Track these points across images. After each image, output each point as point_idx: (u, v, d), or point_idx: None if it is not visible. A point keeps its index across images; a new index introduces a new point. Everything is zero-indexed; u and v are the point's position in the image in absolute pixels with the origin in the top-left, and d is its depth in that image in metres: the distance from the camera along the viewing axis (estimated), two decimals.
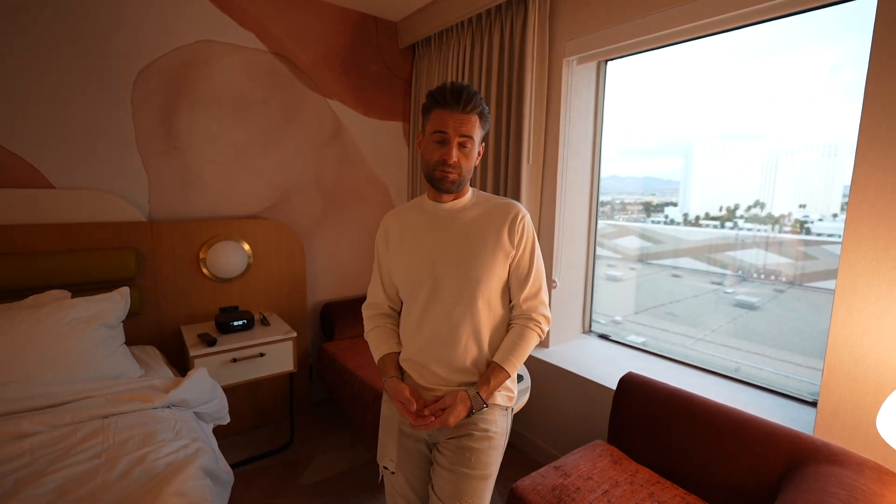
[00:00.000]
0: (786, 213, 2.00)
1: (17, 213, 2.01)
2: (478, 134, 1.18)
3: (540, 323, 1.24)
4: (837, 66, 1.77)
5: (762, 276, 2.12)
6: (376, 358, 1.32)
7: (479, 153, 1.22)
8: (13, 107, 2.00)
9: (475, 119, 1.15)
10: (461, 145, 1.16)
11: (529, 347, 1.23)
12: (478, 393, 1.17)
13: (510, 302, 1.27)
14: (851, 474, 1.20)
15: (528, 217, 1.23)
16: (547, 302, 1.26)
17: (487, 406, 1.19)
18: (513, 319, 1.27)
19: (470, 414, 1.17)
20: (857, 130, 1.36)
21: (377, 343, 1.32)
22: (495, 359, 1.21)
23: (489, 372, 1.20)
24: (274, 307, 2.71)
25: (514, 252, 1.20)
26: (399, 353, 1.30)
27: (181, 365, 2.31)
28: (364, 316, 1.40)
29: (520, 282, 1.23)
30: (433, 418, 1.15)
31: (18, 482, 1.22)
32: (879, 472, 1.20)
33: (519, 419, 2.46)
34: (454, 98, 1.13)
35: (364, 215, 3.11)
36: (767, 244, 2.08)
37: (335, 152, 2.94)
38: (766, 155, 2.07)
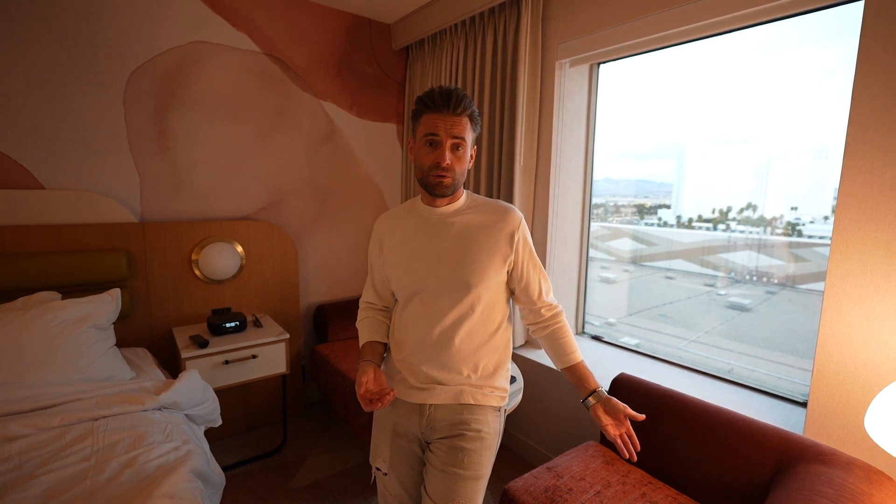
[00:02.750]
0: (777, 215, 2.01)
1: (6, 213, 1.99)
2: (469, 136, 1.18)
3: (563, 313, 1.31)
4: (830, 69, 1.78)
5: (754, 278, 2.13)
6: (361, 344, 1.34)
7: (471, 156, 1.22)
8: (3, 107, 1.99)
9: (466, 121, 1.15)
10: (454, 147, 1.15)
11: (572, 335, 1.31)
12: (599, 391, 1.23)
13: (509, 304, 1.29)
14: (840, 473, 1.21)
15: (524, 220, 1.25)
16: (552, 291, 1.32)
17: (602, 389, 1.24)
18: (542, 321, 1.30)
19: (604, 397, 1.22)
20: (845, 133, 1.37)
21: (365, 331, 1.34)
22: (574, 360, 1.27)
23: (581, 372, 1.26)
24: (267, 309, 2.70)
25: (512, 257, 1.21)
26: (384, 343, 1.32)
27: (173, 367, 2.29)
28: (359, 308, 1.42)
29: (531, 286, 1.26)
30: (380, 405, 1.12)
31: (5, 486, 1.21)
32: (868, 471, 1.21)
33: (512, 420, 2.46)
34: (444, 100, 1.12)
35: (358, 217, 3.11)
36: (759, 246, 2.10)
37: (329, 154, 2.94)
38: (758, 158, 2.08)
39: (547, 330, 1.29)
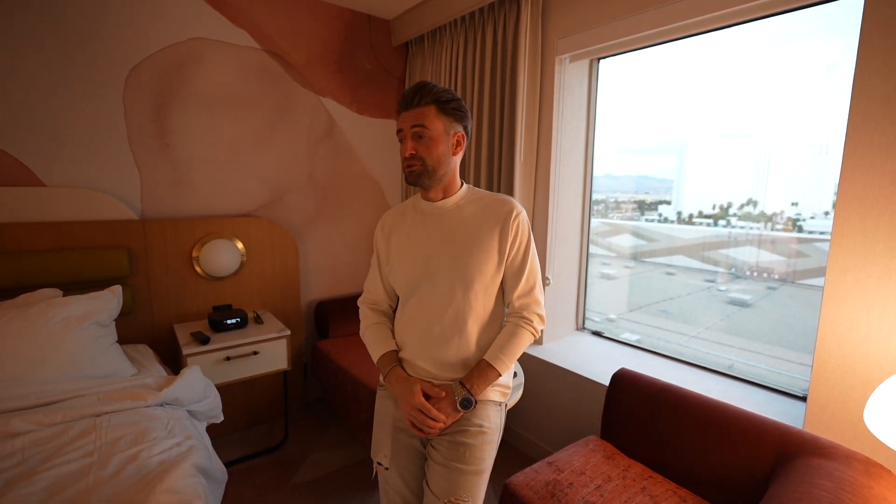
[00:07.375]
0: (778, 210, 2.01)
1: (7, 211, 1.99)
2: (436, 122, 1.16)
3: (532, 321, 1.23)
4: (834, 63, 1.77)
5: (755, 274, 2.13)
6: (375, 355, 1.30)
7: (457, 143, 1.20)
8: (3, 103, 1.98)
9: (430, 109, 1.15)
10: (417, 136, 1.15)
11: (522, 346, 1.22)
12: (461, 383, 1.17)
13: (504, 301, 1.27)
14: (840, 466, 1.21)
15: (523, 214, 1.22)
16: (542, 301, 1.25)
17: (475, 401, 1.18)
18: (507, 317, 1.27)
19: (459, 408, 1.16)
20: (845, 127, 1.37)
21: (376, 341, 1.31)
22: (485, 357, 1.20)
23: (476, 369, 1.20)
24: (268, 305, 2.71)
25: (508, 250, 1.20)
26: (397, 351, 1.29)
27: (174, 363, 2.30)
28: (361, 312, 1.38)
29: (513, 279, 1.22)
30: (439, 424, 1.15)
31: (9, 481, 1.21)
32: (867, 465, 1.22)
33: (513, 415, 2.46)
34: (405, 99, 1.16)
35: (357, 213, 3.11)
36: (760, 242, 2.10)
37: (328, 150, 2.94)
38: (758, 154, 2.08)
39: (504, 326, 1.26)
